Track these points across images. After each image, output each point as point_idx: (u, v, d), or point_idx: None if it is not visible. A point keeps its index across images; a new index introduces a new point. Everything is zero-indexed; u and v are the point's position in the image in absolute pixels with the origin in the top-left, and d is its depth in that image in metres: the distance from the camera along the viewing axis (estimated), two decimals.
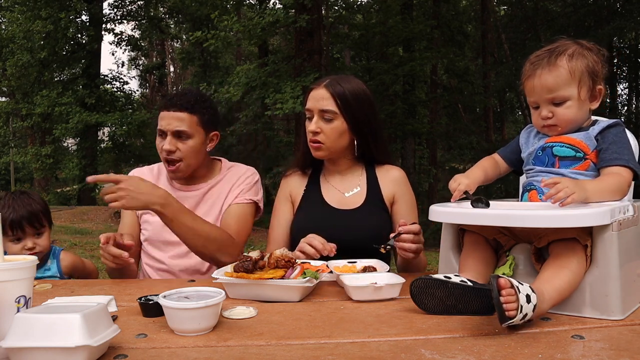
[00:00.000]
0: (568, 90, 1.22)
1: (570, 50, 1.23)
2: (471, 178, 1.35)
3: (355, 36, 14.54)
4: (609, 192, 1.15)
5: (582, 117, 1.26)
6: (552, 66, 1.22)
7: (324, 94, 1.68)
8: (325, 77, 1.77)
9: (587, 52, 1.24)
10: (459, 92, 16.79)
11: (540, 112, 1.27)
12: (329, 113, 1.67)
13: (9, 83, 16.91)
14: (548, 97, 1.24)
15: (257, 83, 10.04)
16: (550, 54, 1.24)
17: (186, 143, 1.75)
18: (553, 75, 1.22)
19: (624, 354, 0.86)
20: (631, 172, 1.20)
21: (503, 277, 0.94)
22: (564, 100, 1.23)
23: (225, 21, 9.72)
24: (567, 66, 1.21)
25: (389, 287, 1.25)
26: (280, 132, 16.91)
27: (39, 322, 0.81)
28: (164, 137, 1.76)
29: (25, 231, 1.76)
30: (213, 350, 0.91)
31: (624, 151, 1.21)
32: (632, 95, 21.19)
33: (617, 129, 1.24)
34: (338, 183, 1.79)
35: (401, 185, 1.78)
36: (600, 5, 13.61)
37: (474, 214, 1.14)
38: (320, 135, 1.68)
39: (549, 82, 1.22)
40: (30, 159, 16.93)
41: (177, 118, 1.73)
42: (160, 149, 1.76)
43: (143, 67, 26.37)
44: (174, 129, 1.73)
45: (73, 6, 15.13)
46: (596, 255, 1.08)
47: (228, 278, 1.27)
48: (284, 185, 1.87)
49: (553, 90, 1.22)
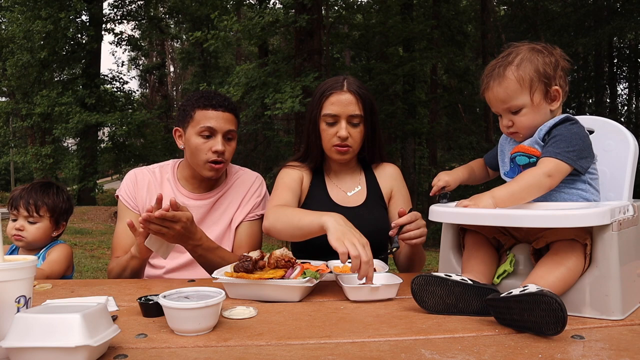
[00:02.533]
0: (520, 99, 1.24)
1: (518, 58, 1.25)
2: (453, 176, 1.46)
3: (355, 36, 14.55)
4: (521, 190, 1.16)
5: (541, 120, 1.26)
6: (501, 78, 1.25)
7: (350, 99, 1.67)
8: (332, 78, 1.75)
9: (536, 56, 1.24)
10: (459, 92, 16.79)
11: (502, 121, 1.31)
12: (357, 118, 1.67)
13: (9, 83, 16.92)
14: (504, 108, 1.27)
15: (257, 83, 10.05)
16: (499, 65, 1.27)
17: (231, 145, 1.76)
18: (503, 87, 1.25)
19: (624, 354, 0.86)
20: (558, 162, 1.17)
21: (555, 294, 0.94)
22: (519, 108, 1.25)
23: (225, 21, 9.72)
24: (514, 76, 1.23)
25: (386, 287, 1.25)
26: (280, 132, 16.92)
27: (39, 322, 0.81)
28: (211, 137, 1.71)
29: (19, 211, 1.85)
30: (213, 350, 0.91)
31: (558, 144, 1.19)
32: (632, 95, 21.21)
33: (562, 126, 1.22)
34: (341, 182, 1.83)
35: (397, 180, 1.85)
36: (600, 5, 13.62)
37: (474, 214, 1.14)
38: (349, 140, 1.69)
39: (500, 94, 1.26)
40: (30, 159, 16.92)
41: (227, 119, 1.73)
42: (205, 150, 1.71)
43: (143, 67, 26.40)
44: (227, 128, 1.72)
45: (73, 6, 15.12)
46: (596, 255, 1.08)
47: (228, 278, 1.27)
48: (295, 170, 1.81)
49: (506, 101, 1.26)
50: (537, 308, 0.93)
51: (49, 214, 1.87)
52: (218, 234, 1.80)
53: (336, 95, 1.68)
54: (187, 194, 1.82)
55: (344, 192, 1.81)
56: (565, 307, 0.92)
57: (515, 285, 1.14)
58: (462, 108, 18.07)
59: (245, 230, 1.83)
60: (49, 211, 1.87)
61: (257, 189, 1.88)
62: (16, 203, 1.85)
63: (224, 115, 1.72)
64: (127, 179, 1.85)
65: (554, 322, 0.92)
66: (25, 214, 1.84)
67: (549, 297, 0.92)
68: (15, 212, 1.85)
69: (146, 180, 1.83)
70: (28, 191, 1.86)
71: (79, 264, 7.02)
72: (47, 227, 1.87)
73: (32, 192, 1.86)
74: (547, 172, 1.16)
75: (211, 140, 1.71)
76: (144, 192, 1.82)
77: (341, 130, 1.66)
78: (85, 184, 16.58)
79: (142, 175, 1.85)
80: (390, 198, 1.83)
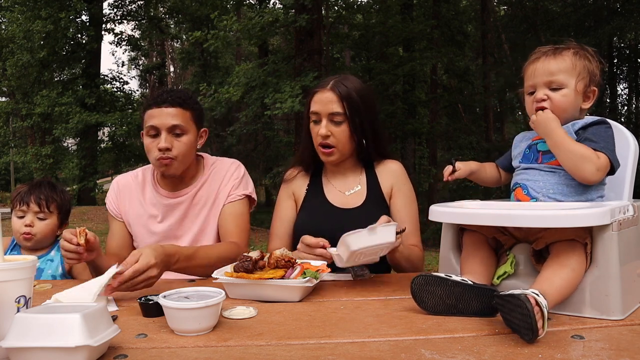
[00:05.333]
0: (567, 79, 1.27)
1: (576, 49, 1.30)
2: (464, 163, 1.46)
3: (355, 36, 14.54)
4: (571, 150, 1.19)
5: (573, 110, 1.29)
6: (557, 55, 1.29)
7: (331, 97, 1.66)
8: (326, 78, 1.76)
9: (589, 55, 1.30)
10: (459, 92, 16.79)
11: (535, 96, 1.30)
12: (338, 116, 1.66)
13: (9, 83, 16.91)
14: (547, 80, 1.28)
15: (256, 83, 10.04)
16: (556, 47, 1.31)
17: (181, 140, 1.70)
18: (557, 61, 1.28)
19: (624, 354, 0.86)
20: (605, 158, 1.20)
21: (532, 295, 0.93)
22: (561, 86, 1.27)
23: (225, 21, 9.71)
24: (570, 58, 1.28)
25: (384, 229, 1.25)
26: (280, 132, 16.90)
27: (39, 322, 0.81)
28: (156, 136, 1.69)
29: (29, 206, 1.82)
30: (213, 350, 0.91)
31: (600, 140, 1.22)
32: (632, 95, 21.19)
33: (600, 127, 1.26)
34: (339, 183, 1.80)
35: (398, 177, 1.79)
36: (600, 5, 13.61)
37: (474, 214, 1.14)
38: (331, 139, 1.68)
39: (551, 66, 1.28)
40: (30, 159, 16.91)
41: (171, 114, 1.68)
42: (153, 149, 1.69)
43: (143, 67, 26.37)
44: (170, 124, 1.67)
45: (73, 6, 15.11)
46: (596, 255, 1.08)
47: (228, 278, 1.27)
48: (286, 184, 1.88)
49: (554, 74, 1.27)
50: (516, 311, 0.92)
51: (58, 211, 1.87)
52: (201, 225, 1.80)
53: (319, 93, 1.69)
54: (166, 194, 1.82)
55: (342, 193, 1.78)
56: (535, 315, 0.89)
57: (515, 285, 1.14)
58: (462, 108, 18.06)
59: (229, 212, 1.80)
60: (58, 208, 1.87)
61: (234, 173, 1.85)
62: (27, 198, 1.81)
63: (168, 111, 1.68)
64: (110, 188, 1.90)
65: (526, 327, 0.89)
66: (36, 209, 1.81)
67: (521, 301, 0.90)
68: (25, 207, 1.81)
69: (128, 187, 1.87)
70: (37, 187, 1.85)
71: None
72: (55, 224, 1.87)
73: (41, 188, 1.85)
74: (598, 166, 1.18)
75: (157, 139, 1.69)
76: (126, 200, 1.86)
77: (321, 128, 1.67)
78: (85, 184, 16.56)
79: (125, 181, 1.89)
80: (391, 197, 1.77)
